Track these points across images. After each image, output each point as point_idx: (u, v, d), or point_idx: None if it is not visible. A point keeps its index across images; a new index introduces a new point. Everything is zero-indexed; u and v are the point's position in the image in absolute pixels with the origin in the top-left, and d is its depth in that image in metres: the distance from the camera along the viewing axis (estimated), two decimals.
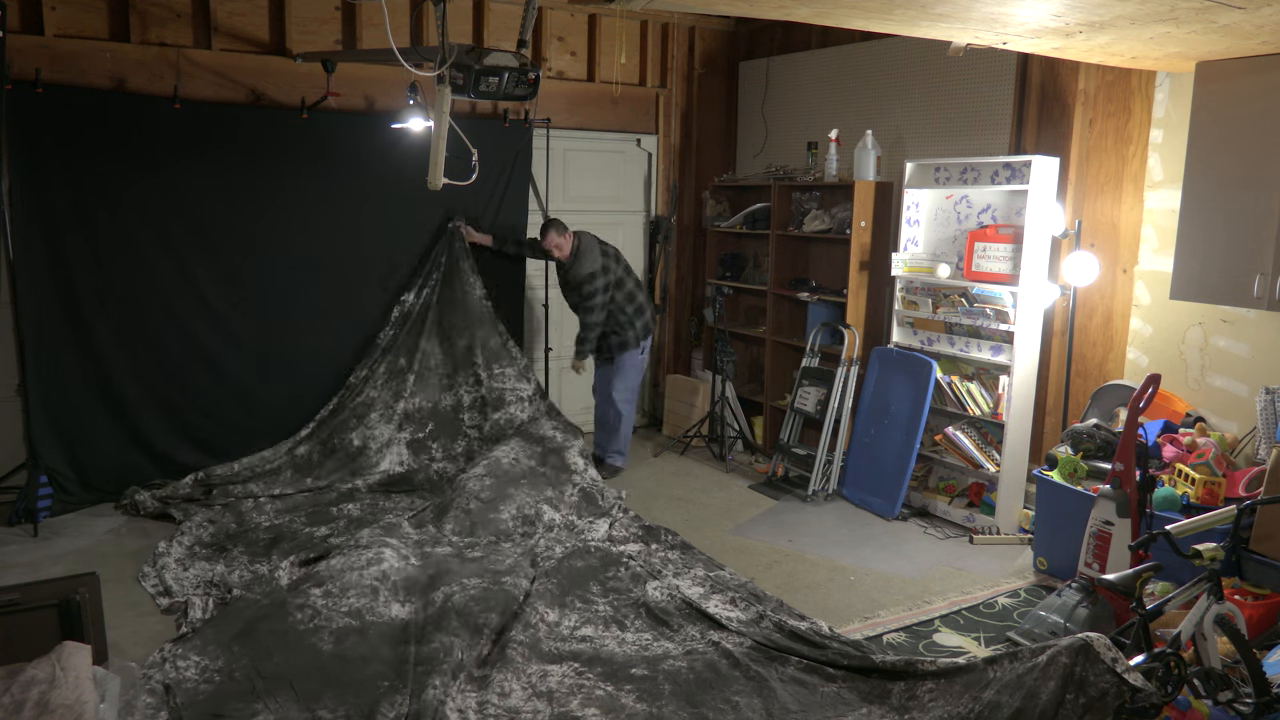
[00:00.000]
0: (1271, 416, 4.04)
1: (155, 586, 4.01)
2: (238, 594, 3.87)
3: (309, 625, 3.59)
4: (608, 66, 6.43)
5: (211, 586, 3.97)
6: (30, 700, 2.59)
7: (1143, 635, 2.99)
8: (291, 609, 3.68)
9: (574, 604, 3.91)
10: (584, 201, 6.60)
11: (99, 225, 4.90)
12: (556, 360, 6.53)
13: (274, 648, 3.44)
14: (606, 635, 3.66)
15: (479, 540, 4.51)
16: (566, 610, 3.85)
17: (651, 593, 4.01)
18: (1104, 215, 4.82)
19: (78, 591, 3.11)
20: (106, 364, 5.00)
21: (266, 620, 3.63)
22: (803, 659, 3.45)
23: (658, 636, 3.66)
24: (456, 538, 4.52)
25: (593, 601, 3.95)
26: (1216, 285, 4.04)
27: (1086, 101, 4.71)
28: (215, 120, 5.13)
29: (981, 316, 4.95)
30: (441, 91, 3.80)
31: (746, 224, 6.43)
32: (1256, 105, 3.82)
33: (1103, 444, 4.33)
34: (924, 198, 5.32)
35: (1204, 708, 3.00)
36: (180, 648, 3.41)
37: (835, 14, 3.56)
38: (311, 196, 5.40)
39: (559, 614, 3.81)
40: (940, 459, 5.26)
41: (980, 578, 4.42)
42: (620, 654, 3.52)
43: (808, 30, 6.15)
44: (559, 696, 3.22)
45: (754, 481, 5.80)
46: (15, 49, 4.64)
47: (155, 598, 3.92)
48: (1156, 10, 3.11)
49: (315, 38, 5.44)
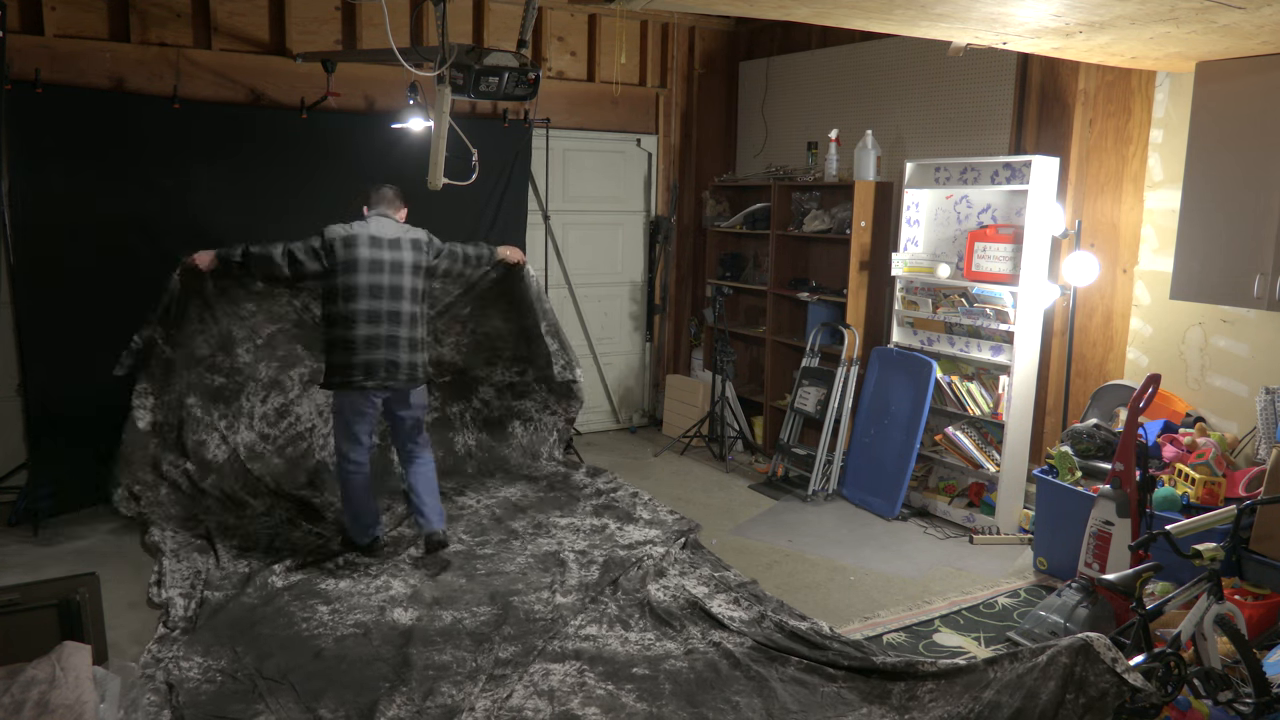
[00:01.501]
0: (1271, 416, 4.04)
1: (153, 580, 4.03)
2: (222, 595, 3.88)
3: (312, 631, 3.63)
4: (608, 66, 6.43)
5: (197, 580, 3.99)
6: (30, 700, 2.59)
7: (1143, 635, 2.99)
8: (297, 620, 3.70)
9: (585, 604, 3.91)
10: (584, 201, 6.60)
11: (99, 225, 4.89)
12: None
13: (276, 649, 3.46)
14: (610, 635, 3.66)
15: (489, 539, 4.52)
16: (583, 612, 3.85)
17: (655, 593, 4.01)
18: (1104, 215, 4.82)
19: (78, 591, 3.10)
20: (106, 363, 4.98)
21: (268, 623, 3.65)
22: (803, 659, 3.46)
23: (660, 636, 3.66)
24: (467, 536, 4.52)
25: (602, 601, 3.95)
26: (1216, 285, 4.03)
27: (1086, 101, 4.71)
28: (215, 120, 5.13)
29: (981, 316, 4.95)
30: (441, 91, 3.80)
31: (746, 224, 6.43)
32: (1256, 105, 3.82)
33: (1103, 444, 4.34)
34: (924, 198, 5.32)
35: (1204, 708, 3.00)
36: (181, 649, 3.42)
37: (835, 14, 3.56)
38: (312, 197, 5.39)
39: (573, 615, 3.83)
40: (940, 459, 5.26)
41: (980, 578, 4.42)
42: (623, 653, 3.53)
43: (808, 30, 6.15)
44: (560, 695, 3.22)
45: (754, 481, 5.80)
46: (15, 49, 4.64)
47: (148, 590, 3.95)
48: (1156, 10, 3.11)
49: (315, 38, 5.44)
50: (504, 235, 5.96)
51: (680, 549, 4.52)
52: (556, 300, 6.47)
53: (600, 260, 6.76)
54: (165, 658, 3.35)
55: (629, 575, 4.17)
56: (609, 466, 6.04)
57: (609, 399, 6.97)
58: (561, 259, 6.54)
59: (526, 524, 4.79)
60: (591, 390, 6.87)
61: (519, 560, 4.35)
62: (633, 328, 7.00)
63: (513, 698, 3.20)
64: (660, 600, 3.95)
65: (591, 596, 3.95)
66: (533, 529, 4.74)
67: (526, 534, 4.67)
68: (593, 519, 4.89)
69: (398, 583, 4.07)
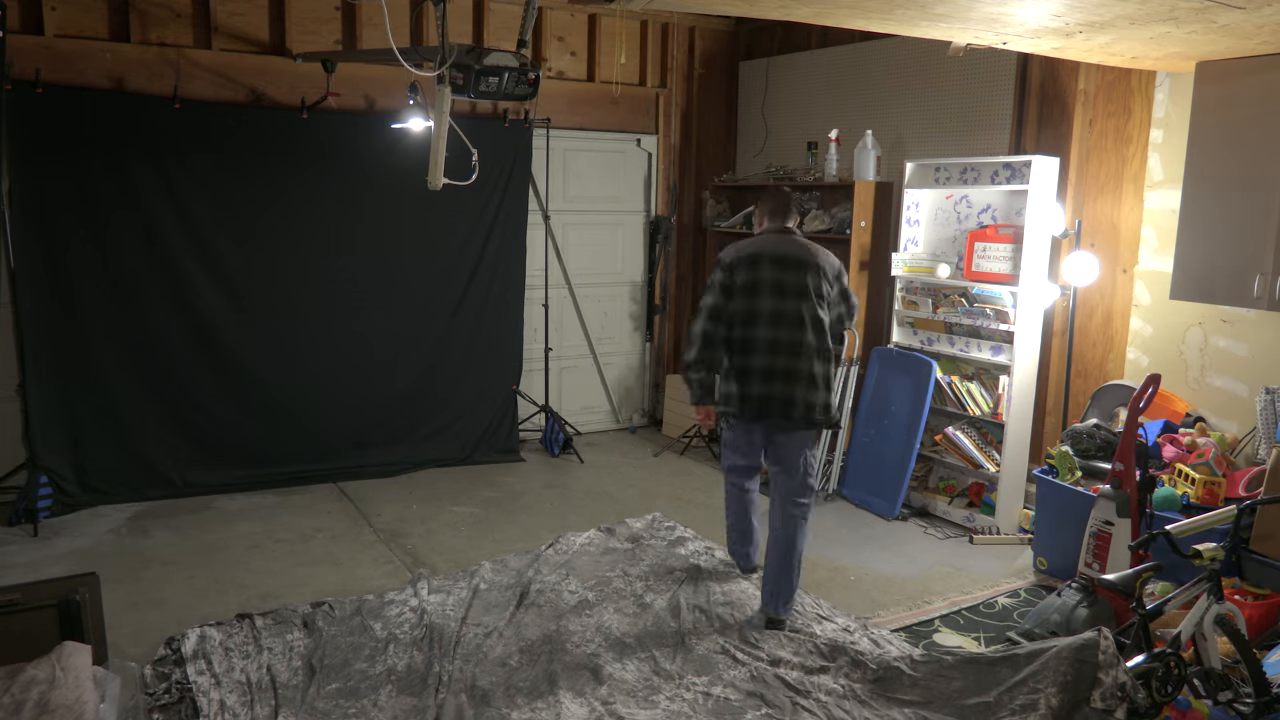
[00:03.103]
0: (1271, 416, 4.04)
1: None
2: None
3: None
4: (608, 66, 6.43)
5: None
6: (30, 700, 2.59)
7: (1143, 635, 2.99)
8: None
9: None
10: (584, 201, 6.60)
11: (99, 226, 4.90)
12: (556, 360, 6.53)
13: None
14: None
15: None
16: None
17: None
18: (1104, 215, 4.82)
19: (78, 591, 3.10)
20: (106, 364, 5.00)
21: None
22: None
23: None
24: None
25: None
26: (1216, 285, 4.03)
27: (1086, 101, 4.71)
28: (215, 120, 5.13)
29: (981, 316, 4.95)
30: (441, 91, 3.80)
31: (746, 224, 6.43)
32: (1256, 105, 3.82)
33: (1103, 444, 4.34)
34: (924, 198, 5.32)
35: (1204, 708, 3.00)
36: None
37: (835, 14, 3.56)
38: (312, 197, 5.40)
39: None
40: (940, 459, 5.26)
41: (980, 578, 4.42)
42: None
43: (808, 30, 6.15)
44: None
45: None
46: (15, 49, 4.64)
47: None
48: (1156, 10, 3.11)
49: (315, 38, 5.44)
50: (504, 235, 5.98)
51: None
52: (556, 300, 6.47)
53: (600, 260, 6.76)
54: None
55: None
56: (609, 466, 6.05)
57: (609, 399, 6.97)
58: (561, 259, 6.54)
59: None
60: (591, 390, 6.88)
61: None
62: (633, 328, 7.00)
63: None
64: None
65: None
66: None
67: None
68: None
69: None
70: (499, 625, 3.70)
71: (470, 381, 5.98)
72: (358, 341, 5.63)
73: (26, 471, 4.77)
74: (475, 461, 5.95)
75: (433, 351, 5.85)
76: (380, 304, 5.67)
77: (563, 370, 6.66)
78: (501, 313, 6.06)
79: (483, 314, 5.98)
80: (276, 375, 5.41)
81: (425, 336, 5.82)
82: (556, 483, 5.72)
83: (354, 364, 5.62)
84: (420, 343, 5.81)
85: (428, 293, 5.79)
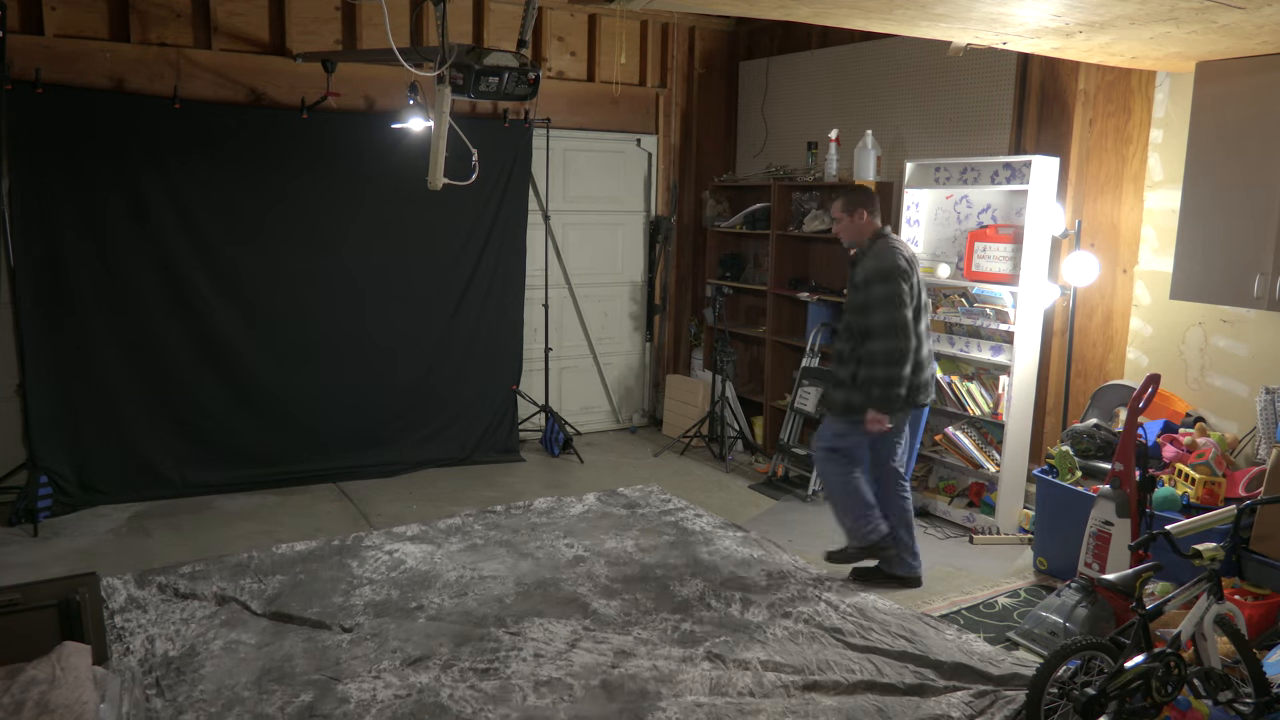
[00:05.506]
0: (1271, 416, 4.04)
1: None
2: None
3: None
4: (608, 66, 6.43)
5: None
6: (30, 700, 2.59)
7: (1143, 635, 2.98)
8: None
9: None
10: (584, 201, 6.60)
11: (99, 226, 4.90)
12: (556, 360, 6.53)
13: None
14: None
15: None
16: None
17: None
18: (1104, 215, 4.82)
19: (78, 591, 3.10)
20: (106, 364, 5.00)
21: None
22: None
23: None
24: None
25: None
26: (1216, 285, 4.03)
27: (1086, 101, 4.71)
28: (215, 120, 5.13)
29: (981, 316, 4.95)
30: (441, 91, 3.80)
31: (746, 224, 6.43)
32: (1256, 105, 3.82)
33: (1103, 444, 4.34)
34: (924, 198, 5.32)
35: (1204, 708, 3.00)
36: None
37: (835, 14, 3.56)
38: (312, 197, 5.40)
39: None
40: (940, 459, 5.26)
41: (980, 578, 4.42)
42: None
43: (808, 30, 6.15)
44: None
45: (754, 481, 5.80)
46: (15, 49, 4.64)
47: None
48: (1156, 10, 3.11)
49: (315, 38, 5.44)
50: (504, 235, 5.98)
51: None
52: (556, 300, 6.47)
53: (600, 260, 6.76)
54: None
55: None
56: (609, 466, 6.05)
57: (609, 399, 6.97)
58: (561, 259, 6.54)
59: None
60: (591, 390, 6.88)
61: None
62: (633, 328, 7.00)
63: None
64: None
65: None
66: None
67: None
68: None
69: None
70: (499, 571, 4.24)
71: (470, 381, 5.98)
72: (358, 341, 5.63)
73: (26, 471, 4.78)
74: (475, 461, 5.95)
75: (433, 351, 5.86)
76: (380, 304, 5.67)
77: (563, 370, 6.66)
78: (501, 313, 6.06)
79: (483, 314, 5.98)
80: (276, 375, 5.41)
81: (425, 336, 5.83)
82: (556, 483, 5.72)
83: (354, 364, 5.62)
84: (420, 342, 5.81)
85: (428, 292, 5.80)
